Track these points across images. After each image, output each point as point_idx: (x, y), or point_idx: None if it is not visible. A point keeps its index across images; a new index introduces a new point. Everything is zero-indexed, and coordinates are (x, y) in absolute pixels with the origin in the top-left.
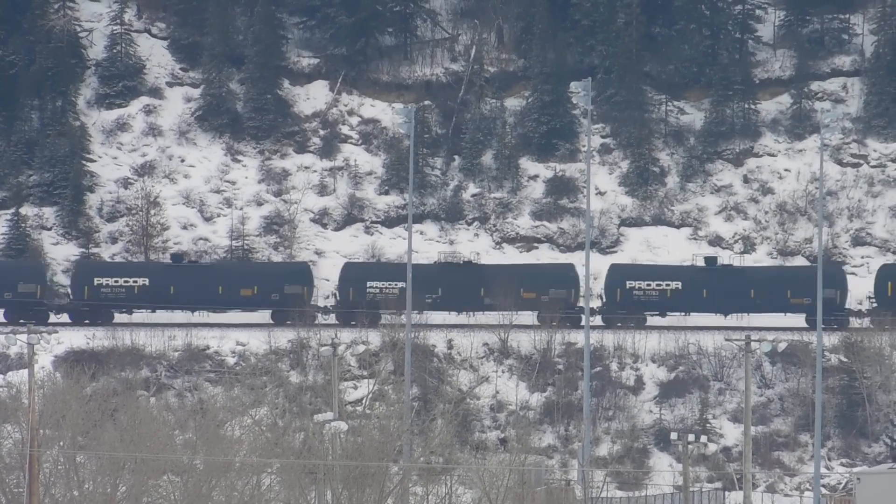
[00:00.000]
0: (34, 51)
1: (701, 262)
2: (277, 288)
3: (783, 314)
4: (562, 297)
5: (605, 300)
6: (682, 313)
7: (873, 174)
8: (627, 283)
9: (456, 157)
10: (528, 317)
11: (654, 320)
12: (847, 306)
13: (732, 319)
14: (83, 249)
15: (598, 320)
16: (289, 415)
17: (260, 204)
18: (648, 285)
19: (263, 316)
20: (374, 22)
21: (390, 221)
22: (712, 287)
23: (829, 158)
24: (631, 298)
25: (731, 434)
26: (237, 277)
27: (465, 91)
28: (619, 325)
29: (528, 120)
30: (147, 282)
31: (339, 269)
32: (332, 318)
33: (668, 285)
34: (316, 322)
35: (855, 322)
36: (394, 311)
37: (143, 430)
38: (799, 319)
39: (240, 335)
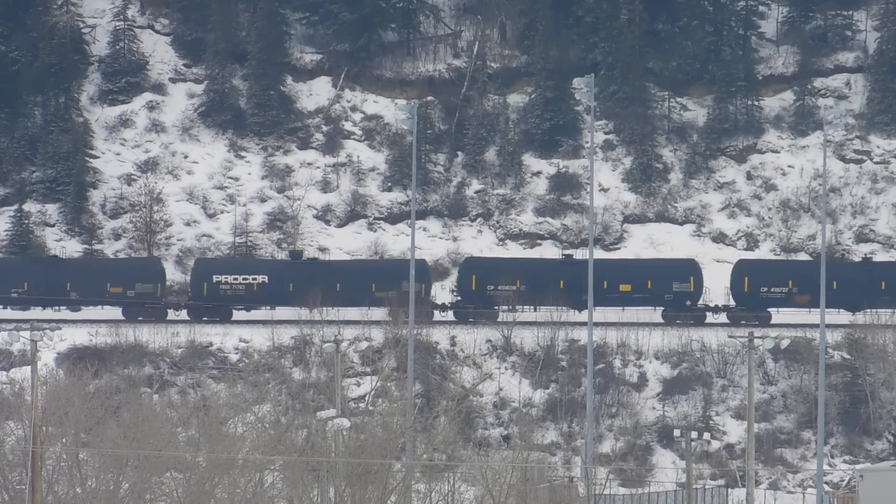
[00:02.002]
0: (37, 47)
1: (296, 257)
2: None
3: (367, 308)
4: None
5: (190, 294)
6: (269, 307)
7: (876, 170)
8: (214, 277)
9: (459, 153)
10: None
11: (240, 314)
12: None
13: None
14: (86, 246)
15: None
16: (292, 412)
17: (263, 200)
18: (235, 279)
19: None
20: (377, 18)
21: (393, 218)
22: (298, 281)
23: (833, 155)
24: (218, 292)
25: (734, 431)
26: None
27: (468, 87)
28: (205, 318)
29: (531, 116)
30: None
31: None
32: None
33: (254, 279)
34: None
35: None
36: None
37: (146, 428)
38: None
39: (242, 332)
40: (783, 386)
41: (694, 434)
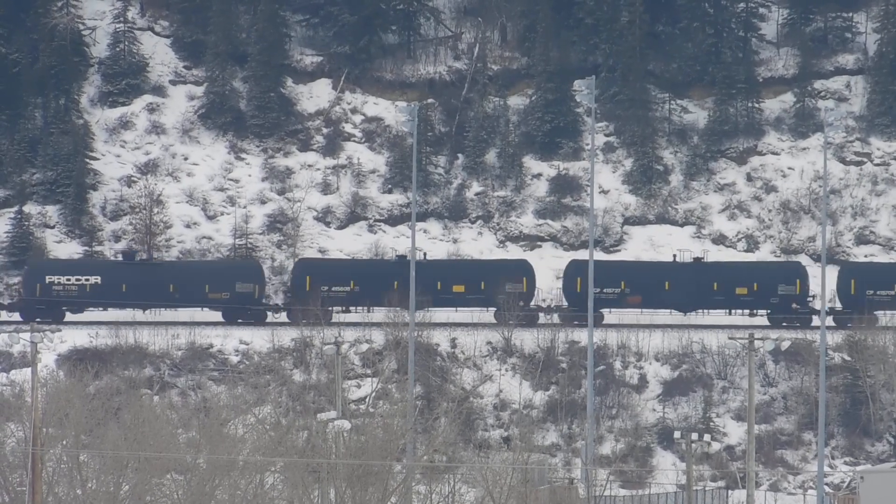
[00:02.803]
0: (37, 49)
1: (128, 258)
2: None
3: (201, 308)
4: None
5: (22, 295)
6: (102, 308)
7: (877, 172)
8: (47, 278)
9: (459, 155)
10: None
11: (78, 316)
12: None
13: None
14: (86, 248)
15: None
16: (292, 413)
17: (263, 202)
18: (68, 280)
19: None
20: (378, 20)
21: (393, 220)
22: (131, 282)
23: (833, 157)
24: (50, 293)
25: (735, 432)
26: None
27: (468, 89)
28: (39, 320)
29: (532, 118)
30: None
31: None
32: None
33: (87, 280)
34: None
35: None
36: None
37: (147, 429)
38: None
39: (243, 333)
40: (784, 387)
41: (694, 435)
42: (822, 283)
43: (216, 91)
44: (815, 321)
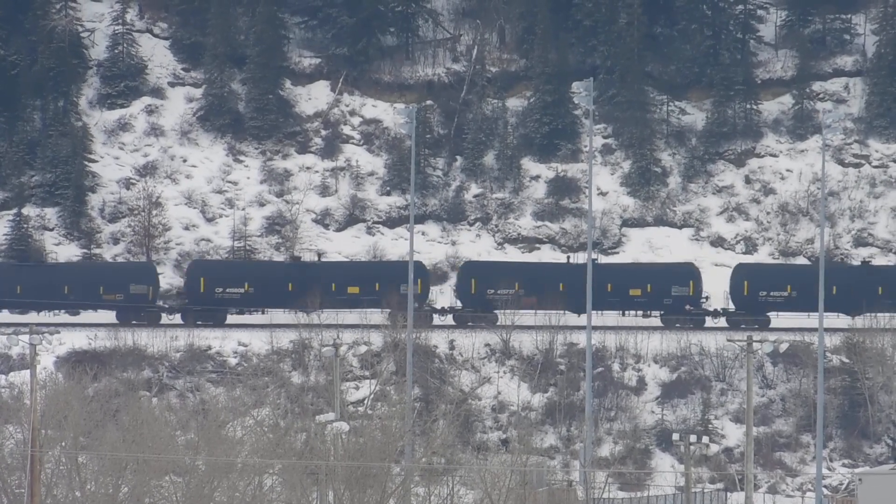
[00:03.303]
0: (36, 51)
1: (22, 260)
2: None
3: (95, 310)
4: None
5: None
6: None
7: (875, 174)
8: None
9: (458, 157)
10: None
11: None
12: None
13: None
14: (85, 250)
15: None
16: (290, 415)
17: (262, 204)
18: None
19: None
20: (376, 22)
21: (392, 222)
22: (26, 284)
23: (831, 159)
24: None
25: (733, 435)
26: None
27: (466, 91)
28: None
29: (530, 120)
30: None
31: None
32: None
33: None
34: None
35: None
36: None
37: (145, 431)
38: None
39: (241, 335)
40: (782, 389)
41: (693, 438)
42: (821, 285)
43: (215, 93)
44: (708, 322)
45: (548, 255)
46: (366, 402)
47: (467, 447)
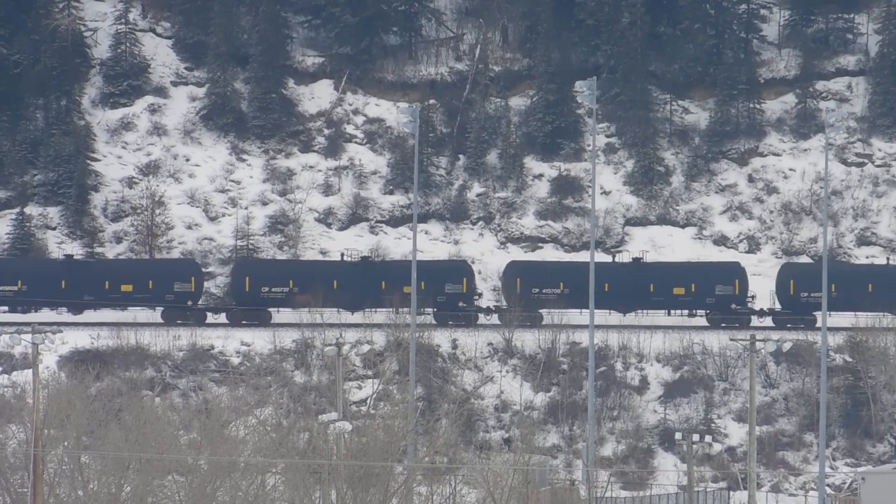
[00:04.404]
0: (39, 50)
1: None
2: None
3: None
4: None
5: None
6: None
7: (878, 174)
8: None
9: (461, 156)
10: None
11: None
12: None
13: None
14: (88, 249)
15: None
16: (293, 415)
17: (265, 203)
18: None
19: None
20: (379, 21)
21: (395, 221)
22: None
23: (834, 158)
24: None
25: (736, 434)
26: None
27: (469, 90)
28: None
29: (533, 119)
30: None
31: None
32: None
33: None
34: None
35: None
36: None
37: (148, 430)
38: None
39: (244, 335)
40: (785, 389)
41: (695, 437)
42: (824, 285)
43: (217, 92)
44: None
45: (550, 254)
46: (368, 401)
47: (470, 446)
